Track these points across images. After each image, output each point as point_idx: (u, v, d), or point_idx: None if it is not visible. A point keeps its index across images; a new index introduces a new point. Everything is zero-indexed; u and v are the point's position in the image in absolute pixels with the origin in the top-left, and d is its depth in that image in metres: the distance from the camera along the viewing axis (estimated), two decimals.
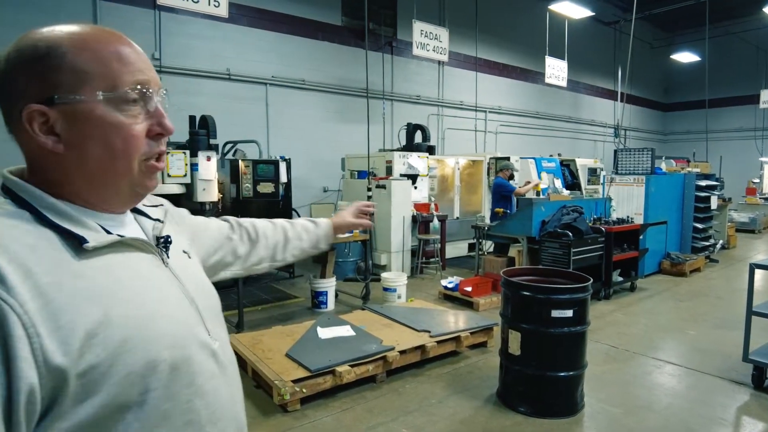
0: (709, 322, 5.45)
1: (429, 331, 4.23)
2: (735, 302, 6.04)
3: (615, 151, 8.34)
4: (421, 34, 8.78)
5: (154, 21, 8.06)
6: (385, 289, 5.82)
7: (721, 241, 9.61)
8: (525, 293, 3.33)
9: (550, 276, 3.69)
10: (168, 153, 6.28)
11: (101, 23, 7.59)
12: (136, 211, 0.87)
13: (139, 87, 0.74)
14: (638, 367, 4.21)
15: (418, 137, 9.32)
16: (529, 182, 7.73)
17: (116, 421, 0.66)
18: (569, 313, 3.20)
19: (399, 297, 5.76)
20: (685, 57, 17.03)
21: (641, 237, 6.79)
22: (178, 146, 6.53)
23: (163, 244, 0.84)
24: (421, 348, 4.05)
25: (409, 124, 9.48)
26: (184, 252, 0.92)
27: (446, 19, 11.39)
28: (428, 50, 8.94)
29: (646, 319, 5.60)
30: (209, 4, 6.45)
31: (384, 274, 6.05)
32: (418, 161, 7.80)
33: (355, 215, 1.48)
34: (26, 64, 0.69)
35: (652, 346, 4.71)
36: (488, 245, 7.73)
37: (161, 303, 0.75)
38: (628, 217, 6.94)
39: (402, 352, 3.88)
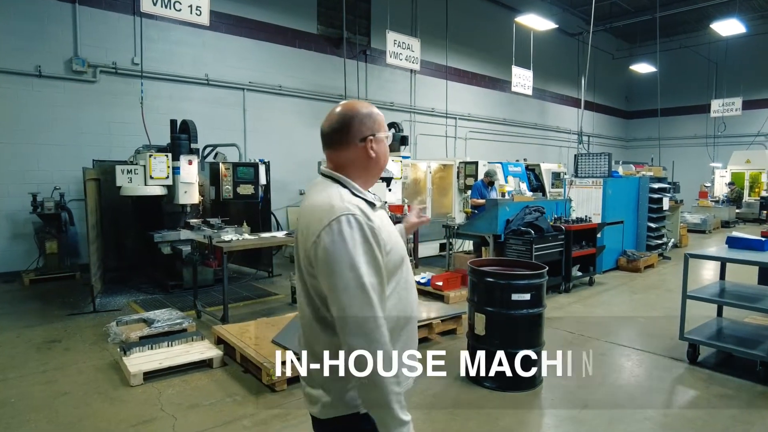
0: (659, 311, 6.00)
1: None
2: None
3: (575, 156, 8.91)
4: (394, 43, 9.16)
5: (134, 27, 8.22)
6: None
7: (672, 240, 10.32)
8: (489, 280, 3.74)
9: (512, 266, 4.11)
10: (150, 156, 6.47)
11: (80, 29, 7.77)
12: None
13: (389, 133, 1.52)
14: (593, 349, 4.67)
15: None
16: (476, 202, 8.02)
17: (399, 270, 1.43)
18: (527, 296, 3.62)
19: None
20: (643, 68, 17.99)
21: (599, 235, 7.32)
22: (160, 149, 6.68)
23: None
24: None
25: None
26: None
27: (418, 29, 11.86)
28: (401, 59, 9.33)
29: (603, 310, 6.12)
30: (191, 13, 6.63)
31: None
32: (392, 165, 8.17)
33: (418, 216, 1.98)
34: (362, 119, 1.44)
35: (606, 332, 5.20)
36: (467, 245, 8.12)
37: (395, 233, 1.48)
38: (586, 216, 7.48)
39: None
